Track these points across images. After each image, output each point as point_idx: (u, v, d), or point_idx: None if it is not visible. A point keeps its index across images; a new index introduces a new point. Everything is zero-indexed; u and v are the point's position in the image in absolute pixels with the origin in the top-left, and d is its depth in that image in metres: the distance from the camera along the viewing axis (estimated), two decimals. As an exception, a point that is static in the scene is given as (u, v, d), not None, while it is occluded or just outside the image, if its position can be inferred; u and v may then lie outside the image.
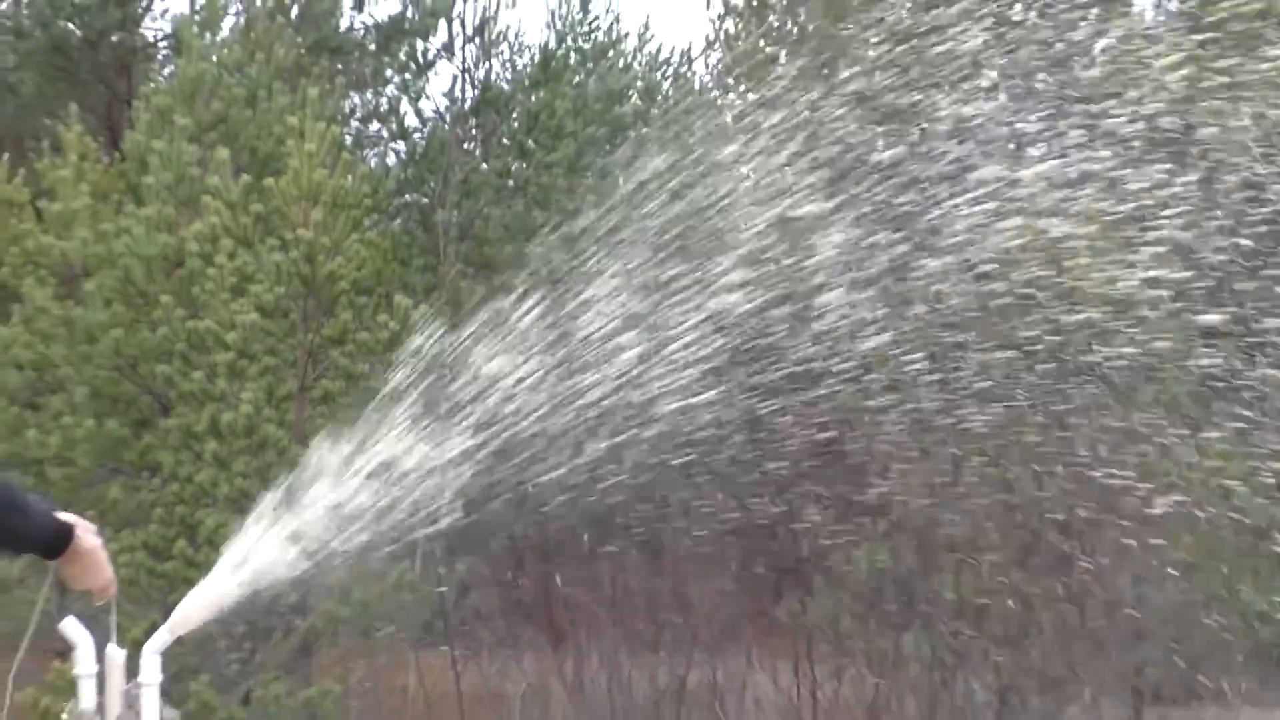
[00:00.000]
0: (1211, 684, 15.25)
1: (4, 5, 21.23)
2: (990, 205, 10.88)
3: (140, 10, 21.31)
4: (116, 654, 5.19)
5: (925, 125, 11.49)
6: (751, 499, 13.39)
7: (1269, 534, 12.36)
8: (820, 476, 14.04)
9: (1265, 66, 11.17)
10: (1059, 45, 12.79)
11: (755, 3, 23.24)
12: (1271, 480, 12.02)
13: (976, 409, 11.92)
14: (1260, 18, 11.62)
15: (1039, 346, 11.24)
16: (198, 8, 18.60)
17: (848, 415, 12.30)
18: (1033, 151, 12.01)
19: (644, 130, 19.66)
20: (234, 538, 6.17)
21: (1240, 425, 11.59)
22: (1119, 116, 11.07)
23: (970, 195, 10.89)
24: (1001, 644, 14.83)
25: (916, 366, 11.49)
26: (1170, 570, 12.71)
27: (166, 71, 18.80)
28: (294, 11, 20.92)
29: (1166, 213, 10.87)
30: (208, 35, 17.43)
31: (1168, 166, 10.68)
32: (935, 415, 12.25)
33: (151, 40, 21.32)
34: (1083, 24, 12.43)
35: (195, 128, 15.82)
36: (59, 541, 4.76)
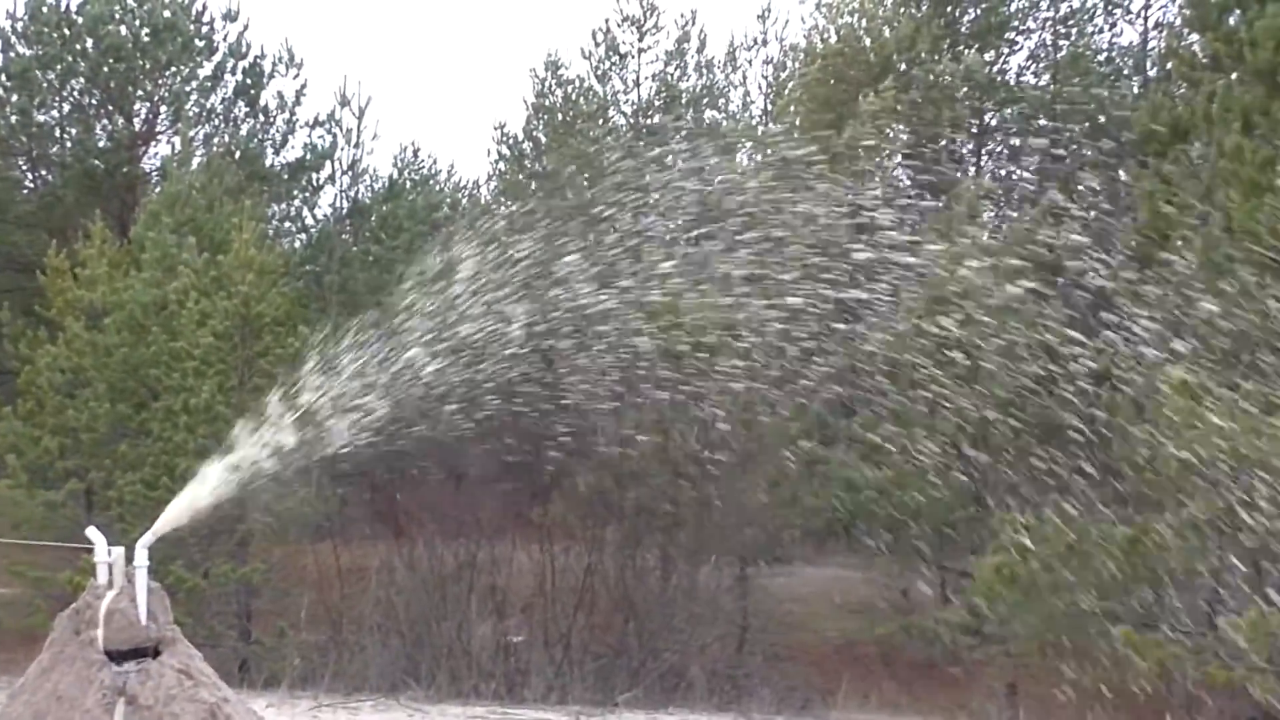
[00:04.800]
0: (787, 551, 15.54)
1: (54, 148, 20.64)
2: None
3: (141, 152, 20.84)
4: (117, 549, 5.12)
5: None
6: (517, 449, 13.39)
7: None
8: (556, 437, 14.12)
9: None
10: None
11: (517, 153, 23.30)
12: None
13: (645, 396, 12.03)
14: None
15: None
16: (176, 151, 18.27)
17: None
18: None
19: (450, 228, 19.61)
20: (196, 476, 6.06)
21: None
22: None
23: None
24: (663, 530, 15.03)
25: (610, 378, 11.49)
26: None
27: (157, 190, 18.33)
28: (237, 154, 20.55)
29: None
30: (183, 168, 17.12)
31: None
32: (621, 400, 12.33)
33: (148, 170, 20.83)
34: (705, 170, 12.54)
35: (174, 224, 15.60)
36: None
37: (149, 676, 4.95)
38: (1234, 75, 11.04)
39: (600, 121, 22.28)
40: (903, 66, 18.23)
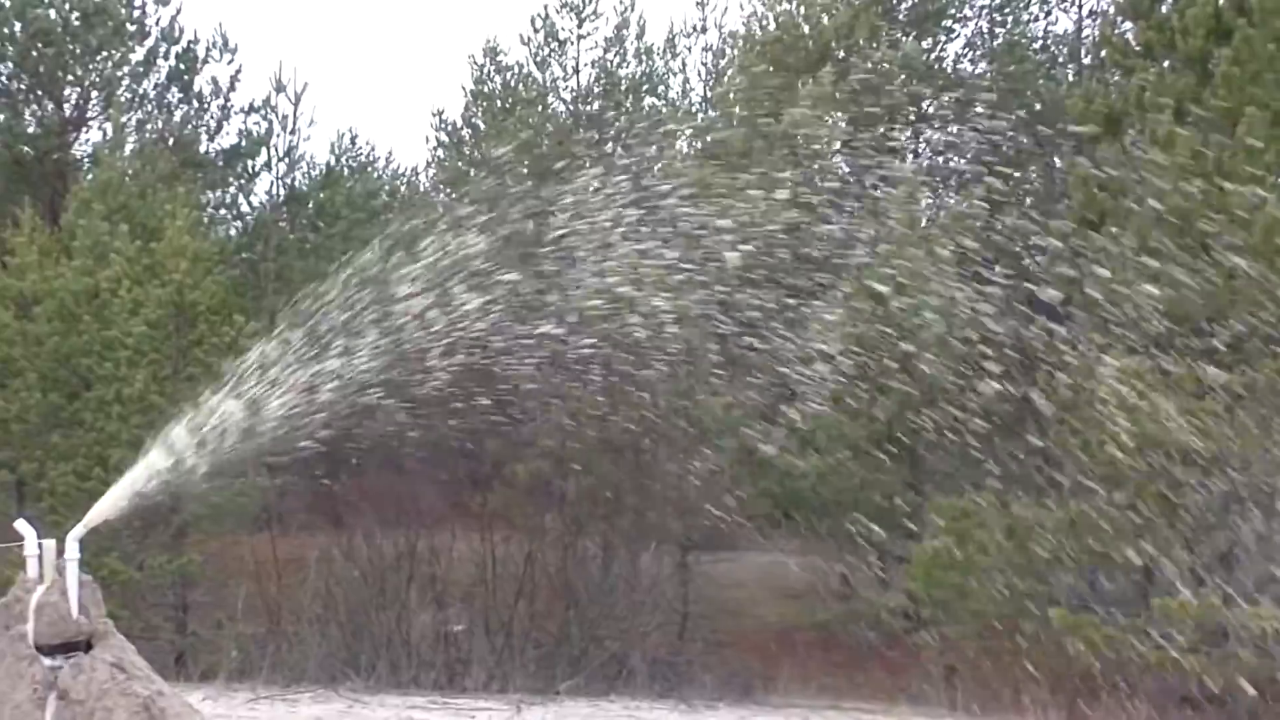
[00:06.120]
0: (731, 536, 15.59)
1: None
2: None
3: (72, 138, 20.56)
4: (48, 542, 5.03)
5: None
6: (456, 437, 13.31)
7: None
8: (496, 426, 14.06)
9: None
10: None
11: (456, 140, 23.21)
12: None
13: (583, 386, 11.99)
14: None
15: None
16: (108, 138, 18.04)
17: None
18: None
19: (388, 215, 19.50)
20: (129, 467, 5.98)
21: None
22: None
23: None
24: (602, 517, 15.04)
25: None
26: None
27: (89, 176, 18.10)
28: (170, 140, 20.32)
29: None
30: (115, 154, 16.91)
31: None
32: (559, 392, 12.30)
33: (79, 157, 20.57)
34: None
35: (106, 212, 15.43)
36: None
37: (81, 671, 4.87)
38: (1166, 63, 11.21)
39: (539, 108, 22.22)
40: (841, 54, 18.32)
